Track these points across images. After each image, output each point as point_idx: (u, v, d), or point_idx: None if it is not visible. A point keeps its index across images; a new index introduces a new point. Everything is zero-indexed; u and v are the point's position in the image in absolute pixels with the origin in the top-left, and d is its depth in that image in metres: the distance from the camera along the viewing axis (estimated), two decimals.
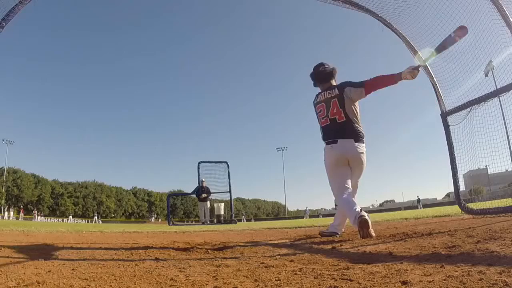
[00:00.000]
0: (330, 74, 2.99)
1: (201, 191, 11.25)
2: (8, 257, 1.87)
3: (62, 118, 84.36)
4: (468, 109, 4.00)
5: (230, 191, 10.89)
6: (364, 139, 2.84)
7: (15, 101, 78.60)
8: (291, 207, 76.84)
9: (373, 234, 2.35)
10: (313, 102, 3.09)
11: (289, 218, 49.16)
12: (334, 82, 2.99)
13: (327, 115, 2.88)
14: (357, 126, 2.83)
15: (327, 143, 2.88)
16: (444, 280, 0.95)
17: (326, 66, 3.01)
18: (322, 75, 3.00)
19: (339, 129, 2.82)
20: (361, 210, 2.45)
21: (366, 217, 2.38)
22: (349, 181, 2.81)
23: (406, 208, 38.94)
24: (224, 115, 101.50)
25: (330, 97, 2.88)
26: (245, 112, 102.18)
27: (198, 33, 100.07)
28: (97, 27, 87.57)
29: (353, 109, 2.83)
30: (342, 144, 2.79)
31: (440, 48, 2.58)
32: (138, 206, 60.44)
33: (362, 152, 2.81)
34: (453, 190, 4.53)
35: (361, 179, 2.98)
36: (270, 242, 2.91)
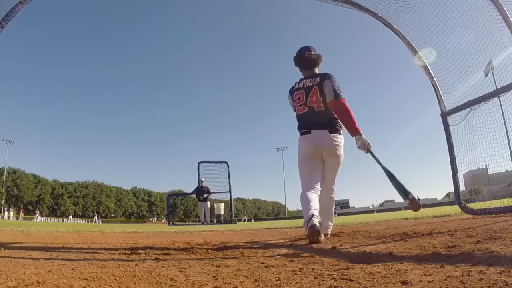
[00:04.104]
0: (315, 61, 2.84)
1: (201, 191, 11.25)
2: (8, 257, 1.86)
3: (62, 118, 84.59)
4: (468, 109, 4.00)
5: (230, 191, 10.89)
6: (341, 131, 2.72)
7: (15, 102, 78.74)
8: (291, 207, 76.90)
9: (322, 240, 2.36)
10: (291, 89, 2.89)
11: (289, 218, 49.12)
12: (317, 70, 2.86)
13: (305, 102, 2.73)
14: (335, 117, 2.71)
15: (301, 134, 2.76)
16: (444, 280, 0.95)
17: (312, 53, 2.84)
18: (306, 62, 2.84)
19: (315, 119, 2.70)
20: (312, 216, 2.38)
21: (316, 224, 2.35)
22: (318, 177, 2.71)
23: (406, 208, 38.85)
24: (225, 115, 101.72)
25: (311, 84, 2.73)
26: (245, 112, 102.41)
27: (199, 35, 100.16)
28: (98, 29, 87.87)
29: None
30: (315, 135, 2.68)
31: (391, 179, 2.51)
32: (138, 206, 60.44)
33: (338, 144, 2.67)
34: (453, 190, 4.52)
35: (338, 174, 2.85)
36: (270, 242, 2.91)
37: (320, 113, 2.70)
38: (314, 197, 2.60)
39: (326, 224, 2.89)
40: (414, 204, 2.42)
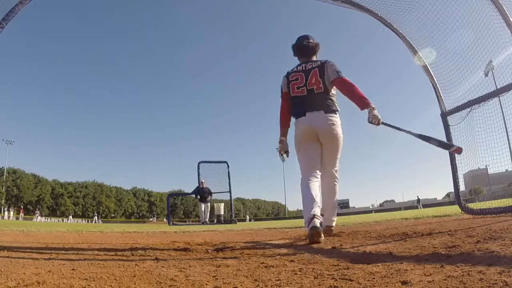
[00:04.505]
0: (313, 49, 2.89)
1: (202, 192, 11.26)
2: (8, 257, 1.86)
3: (62, 118, 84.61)
4: (468, 109, 4.00)
5: (230, 191, 10.93)
6: (337, 112, 2.72)
7: (15, 102, 78.80)
8: (291, 207, 76.86)
9: (322, 241, 2.34)
10: (286, 73, 2.87)
11: (289, 218, 49.12)
12: (315, 58, 2.91)
13: (305, 84, 2.71)
14: (332, 98, 2.72)
15: (296, 118, 2.74)
16: (444, 280, 0.95)
17: (310, 41, 2.90)
18: (305, 49, 2.88)
19: (312, 102, 2.67)
20: (314, 216, 2.38)
21: (318, 225, 2.35)
22: (317, 160, 2.68)
23: (406, 208, 38.93)
24: (225, 115, 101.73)
25: (311, 67, 2.74)
26: (245, 112, 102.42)
27: (199, 35, 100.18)
28: (98, 28, 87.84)
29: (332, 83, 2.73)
30: (310, 117, 2.65)
31: (428, 139, 2.61)
32: (138, 206, 60.43)
33: (333, 124, 2.64)
34: (453, 190, 4.52)
35: (339, 160, 2.79)
36: (270, 242, 2.91)
37: (319, 95, 2.69)
38: (315, 187, 2.56)
39: (329, 216, 2.82)
40: (458, 150, 2.66)
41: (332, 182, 2.80)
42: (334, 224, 2.92)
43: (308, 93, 2.71)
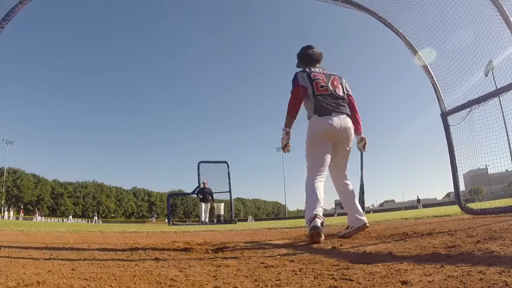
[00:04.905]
0: (318, 58, 2.98)
1: (204, 191, 11.27)
2: (8, 257, 1.86)
3: (62, 119, 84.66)
4: (468, 109, 4.00)
5: (230, 191, 10.92)
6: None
7: (15, 102, 78.84)
8: (291, 207, 76.82)
9: (322, 241, 2.34)
10: (304, 70, 2.82)
11: (289, 218, 49.07)
12: (319, 66, 2.98)
13: (328, 85, 2.75)
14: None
15: (319, 115, 2.69)
16: (444, 280, 0.95)
17: (315, 50, 2.99)
18: (311, 58, 2.96)
19: (337, 102, 2.72)
20: (315, 216, 2.38)
21: (319, 225, 2.36)
22: (328, 162, 2.69)
23: (406, 208, 38.90)
24: (225, 116, 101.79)
25: (329, 73, 2.84)
26: (245, 112, 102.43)
27: (200, 38, 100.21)
28: (99, 30, 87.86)
29: None
30: (335, 118, 2.66)
31: (361, 194, 2.98)
32: (138, 206, 60.43)
33: (352, 128, 2.76)
34: (453, 190, 4.52)
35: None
36: (270, 242, 2.91)
37: (341, 97, 2.78)
38: (320, 187, 2.57)
39: (355, 216, 2.69)
40: (364, 226, 2.67)
41: (346, 180, 2.86)
42: (365, 218, 2.70)
43: (331, 93, 2.76)
